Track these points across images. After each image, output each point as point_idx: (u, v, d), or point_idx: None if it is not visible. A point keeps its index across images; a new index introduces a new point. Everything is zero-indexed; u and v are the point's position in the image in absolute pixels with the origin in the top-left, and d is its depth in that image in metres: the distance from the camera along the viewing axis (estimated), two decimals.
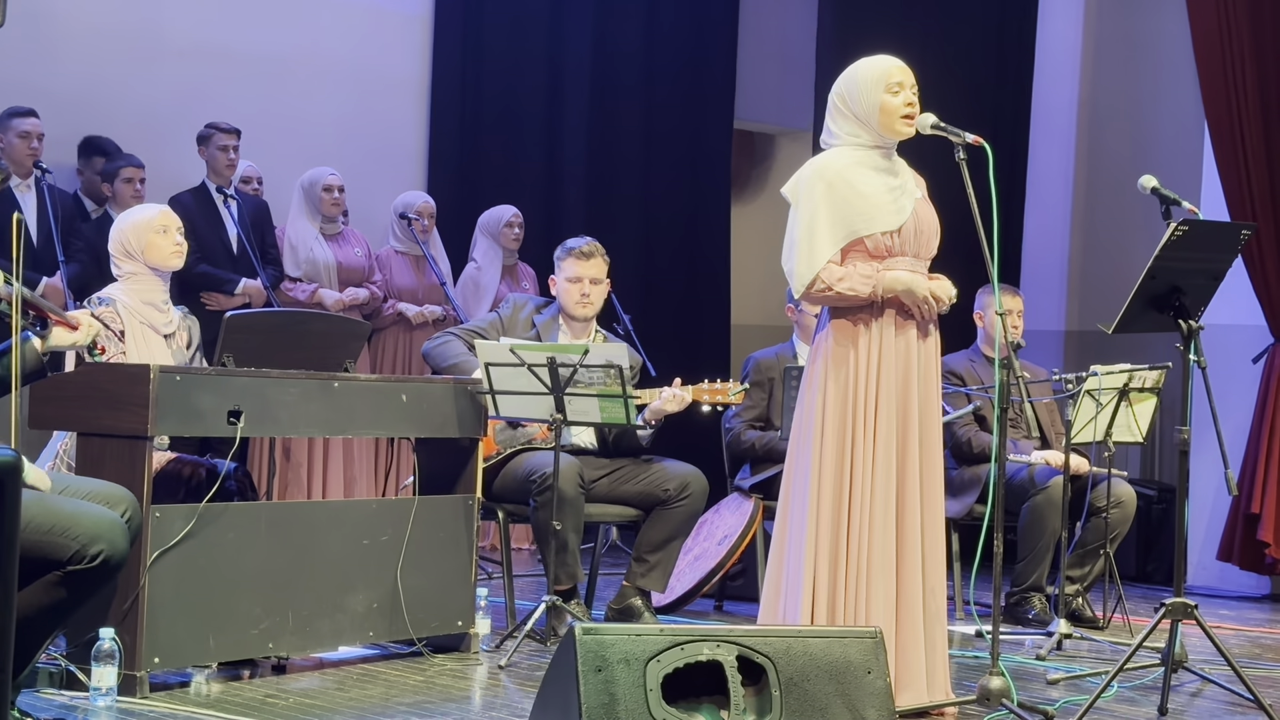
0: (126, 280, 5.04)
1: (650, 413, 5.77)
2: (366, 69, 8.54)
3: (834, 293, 4.51)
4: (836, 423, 4.53)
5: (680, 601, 6.45)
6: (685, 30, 9.78)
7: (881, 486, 4.48)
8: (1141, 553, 8.34)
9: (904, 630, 4.50)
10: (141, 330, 4.96)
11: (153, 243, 5.03)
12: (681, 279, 9.78)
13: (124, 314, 4.95)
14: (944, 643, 4.62)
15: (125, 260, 5.04)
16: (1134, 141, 9.54)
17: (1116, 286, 9.05)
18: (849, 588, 4.48)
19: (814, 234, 4.51)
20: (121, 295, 5.00)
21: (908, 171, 4.67)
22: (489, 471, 5.69)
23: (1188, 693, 5.21)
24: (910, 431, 4.54)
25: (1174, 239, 4.63)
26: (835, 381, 4.54)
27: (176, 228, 5.11)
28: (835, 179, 4.52)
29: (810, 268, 4.50)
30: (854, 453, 4.51)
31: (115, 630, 4.35)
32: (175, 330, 5.08)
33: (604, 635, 3.71)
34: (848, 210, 4.51)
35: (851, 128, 4.60)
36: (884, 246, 4.53)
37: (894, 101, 4.55)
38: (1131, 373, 6.21)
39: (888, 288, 4.52)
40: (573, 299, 5.91)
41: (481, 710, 4.58)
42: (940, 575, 4.61)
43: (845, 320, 4.57)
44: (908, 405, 4.55)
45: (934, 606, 4.57)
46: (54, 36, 7.44)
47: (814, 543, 4.50)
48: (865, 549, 4.47)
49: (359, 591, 5.03)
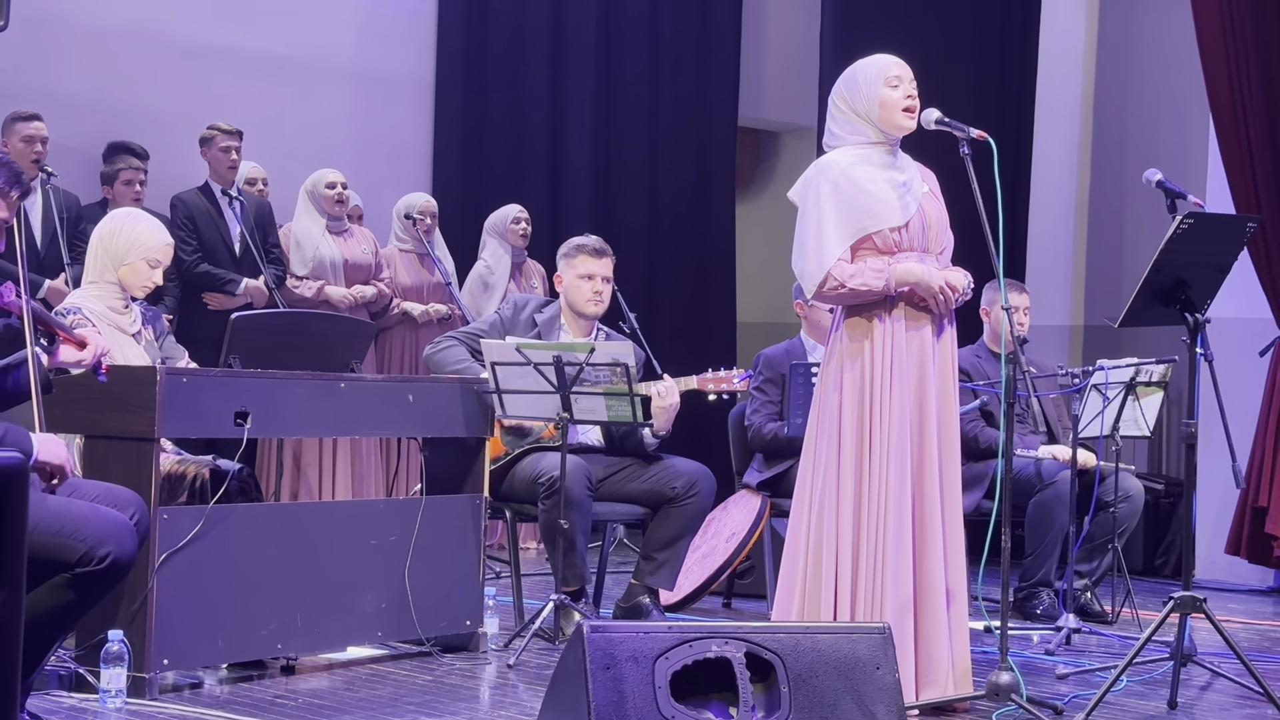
0: (88, 287, 4.98)
1: (659, 425, 5.74)
2: (371, 69, 8.55)
3: (847, 290, 4.51)
4: (854, 419, 4.53)
5: (688, 599, 6.45)
6: (689, 28, 9.78)
7: (897, 482, 4.48)
8: (1150, 547, 8.34)
9: (927, 625, 4.48)
10: (111, 334, 4.90)
11: (137, 268, 4.96)
12: (687, 276, 9.78)
13: (93, 320, 4.89)
14: (966, 638, 4.62)
15: (99, 259, 4.97)
16: (1138, 135, 9.53)
17: (1122, 281, 9.09)
18: (867, 583, 4.48)
19: (822, 234, 4.51)
20: (86, 302, 4.93)
21: (913, 166, 4.67)
22: (497, 472, 5.69)
23: (1197, 686, 5.21)
24: (928, 426, 4.53)
25: (1179, 232, 4.62)
26: (851, 379, 4.54)
27: (166, 269, 5.08)
28: (839, 178, 4.52)
29: (821, 267, 4.50)
30: (871, 449, 4.51)
31: (124, 632, 4.35)
32: (140, 328, 5.05)
33: (612, 633, 3.72)
34: (853, 208, 4.51)
35: (853, 126, 4.61)
36: (892, 242, 4.53)
37: (894, 95, 4.56)
38: (1138, 367, 6.20)
39: (901, 280, 4.51)
40: (584, 296, 5.89)
41: (490, 709, 4.58)
42: (961, 570, 4.60)
43: (859, 318, 4.57)
44: (924, 400, 4.54)
45: (957, 602, 4.56)
46: (59, 39, 7.45)
47: (835, 540, 4.51)
48: (882, 544, 4.47)
49: (367, 592, 5.03)
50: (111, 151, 7.35)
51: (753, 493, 6.57)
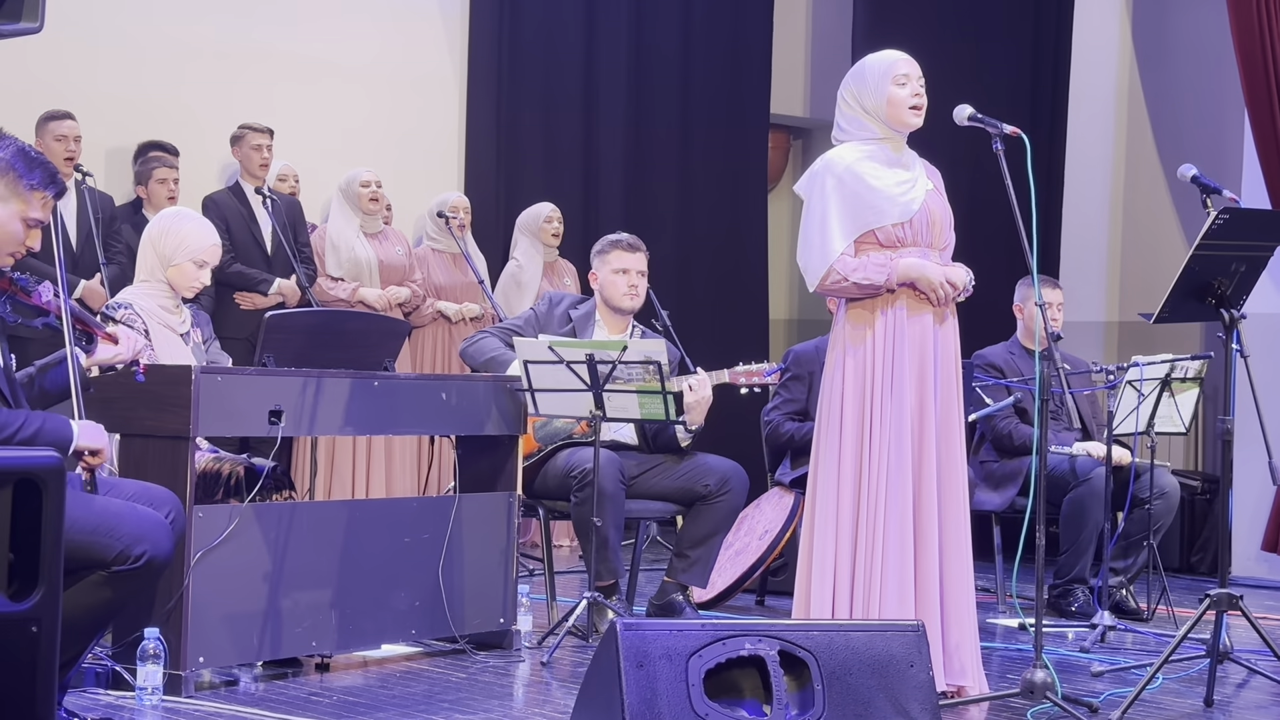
0: (139, 285, 5.05)
1: (692, 419, 5.74)
2: (403, 67, 8.56)
3: (849, 283, 4.57)
4: (855, 407, 4.58)
5: (721, 597, 6.44)
6: (721, 24, 9.76)
7: (897, 471, 4.52)
8: (1185, 544, 8.30)
9: (923, 614, 4.49)
10: (161, 332, 4.96)
11: (184, 269, 5.02)
12: (718, 274, 9.77)
13: (143, 316, 4.95)
14: (973, 629, 4.60)
15: (149, 259, 5.04)
16: (1173, 130, 9.48)
17: (1157, 276, 9.03)
18: (866, 574, 4.50)
19: (826, 228, 4.58)
20: (139, 299, 5.00)
21: (919, 163, 4.73)
22: (530, 469, 5.70)
23: (1233, 684, 5.18)
24: (928, 415, 4.56)
25: (1214, 228, 4.60)
26: (853, 367, 4.59)
27: (214, 267, 5.12)
28: (845, 173, 4.57)
29: (824, 261, 4.57)
30: (871, 436, 4.56)
31: (160, 630, 4.37)
32: (189, 329, 5.09)
33: (645, 631, 3.72)
34: (858, 204, 4.56)
35: (860, 122, 4.66)
36: (895, 238, 4.60)
37: (901, 93, 4.61)
38: (1173, 363, 6.18)
39: (903, 275, 4.57)
40: (620, 290, 5.90)
41: (524, 707, 4.59)
42: (963, 562, 4.59)
43: (861, 308, 4.63)
44: (924, 389, 4.57)
45: (955, 594, 4.55)
46: (92, 40, 7.48)
47: (835, 530, 4.54)
48: (881, 534, 4.49)
49: (401, 589, 5.05)
50: (143, 151, 7.38)
51: (785, 490, 6.56)
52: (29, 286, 3.81)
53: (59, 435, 3.73)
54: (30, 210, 3.83)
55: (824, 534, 4.57)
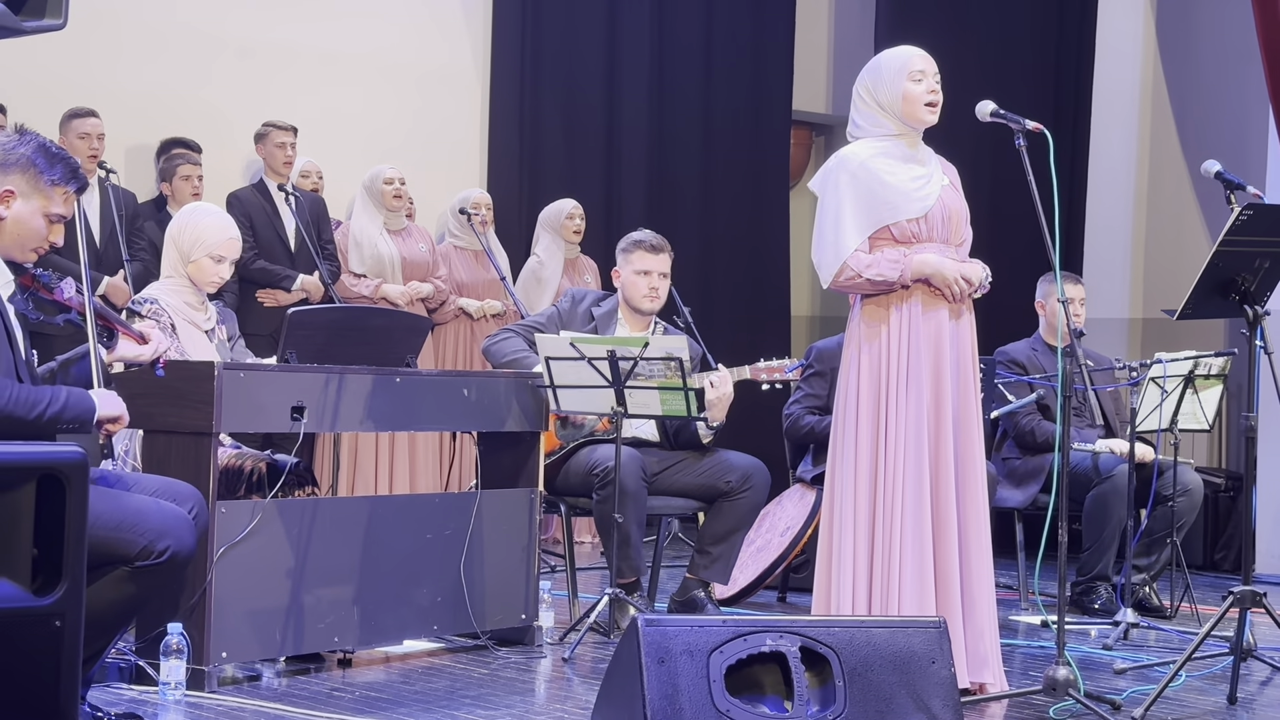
0: (165, 281, 5.08)
1: (714, 416, 5.73)
2: (425, 64, 8.57)
3: (863, 280, 4.56)
4: (870, 404, 4.58)
5: (743, 593, 6.44)
6: (743, 20, 9.75)
7: (913, 467, 4.50)
8: (1209, 541, 8.27)
9: (944, 609, 4.48)
10: (185, 328, 4.99)
11: (203, 265, 5.04)
12: (741, 270, 9.77)
13: (169, 312, 4.97)
14: (993, 625, 4.59)
15: (172, 256, 5.07)
16: (1197, 126, 9.45)
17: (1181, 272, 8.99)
18: (884, 570, 4.49)
19: (840, 224, 4.57)
20: (164, 295, 5.02)
21: (935, 159, 4.72)
22: (552, 466, 5.71)
23: (1257, 681, 5.17)
24: (944, 412, 4.55)
25: (1238, 224, 4.59)
26: (868, 364, 4.59)
27: (233, 261, 5.14)
28: (859, 169, 4.57)
29: (838, 257, 4.57)
30: (887, 432, 4.55)
31: (183, 625, 4.39)
32: (214, 325, 5.11)
33: (667, 627, 3.72)
34: (872, 200, 4.56)
35: (876, 118, 4.66)
36: (910, 233, 4.59)
37: (917, 90, 4.60)
38: (1197, 359, 6.16)
39: (916, 271, 4.55)
40: (640, 292, 5.91)
41: (546, 702, 4.60)
42: (983, 557, 4.58)
43: (875, 304, 4.62)
44: (940, 385, 4.57)
45: (975, 589, 4.54)
46: (115, 37, 7.50)
47: (853, 527, 4.54)
48: (898, 530, 4.49)
49: (423, 585, 5.06)
50: (166, 148, 7.40)
51: (807, 486, 6.55)
52: (51, 283, 3.82)
53: (82, 408, 3.77)
54: (52, 205, 3.85)
55: (842, 530, 4.58)
